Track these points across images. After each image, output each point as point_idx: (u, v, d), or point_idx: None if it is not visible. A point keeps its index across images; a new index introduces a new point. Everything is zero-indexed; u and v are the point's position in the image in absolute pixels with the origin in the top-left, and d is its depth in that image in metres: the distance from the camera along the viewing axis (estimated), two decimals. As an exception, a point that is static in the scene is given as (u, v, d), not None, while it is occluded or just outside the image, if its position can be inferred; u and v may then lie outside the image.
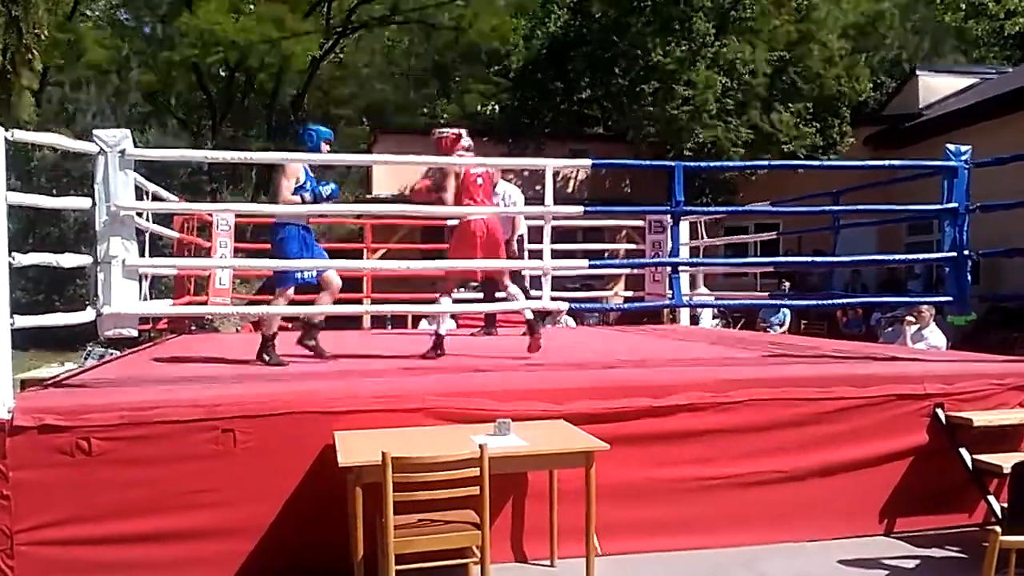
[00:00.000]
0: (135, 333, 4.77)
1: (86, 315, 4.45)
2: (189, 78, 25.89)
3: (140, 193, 5.93)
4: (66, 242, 13.87)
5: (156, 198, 6.98)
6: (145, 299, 5.82)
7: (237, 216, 8.75)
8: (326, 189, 5.45)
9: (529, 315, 5.90)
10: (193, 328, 9.02)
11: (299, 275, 5.41)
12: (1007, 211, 5.87)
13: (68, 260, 4.48)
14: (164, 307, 6.86)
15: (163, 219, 8.18)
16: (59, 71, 23.00)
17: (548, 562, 4.23)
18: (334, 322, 7.72)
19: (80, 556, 3.80)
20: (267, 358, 5.44)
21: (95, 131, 4.54)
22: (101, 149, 4.41)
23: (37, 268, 4.22)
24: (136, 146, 4.65)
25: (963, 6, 25.59)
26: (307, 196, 5.36)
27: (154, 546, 3.88)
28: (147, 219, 6.11)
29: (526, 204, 8.00)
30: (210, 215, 8.55)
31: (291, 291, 5.50)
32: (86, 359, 8.12)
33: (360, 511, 3.56)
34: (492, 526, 3.71)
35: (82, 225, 13.83)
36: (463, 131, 6.04)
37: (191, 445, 3.92)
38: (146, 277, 5.95)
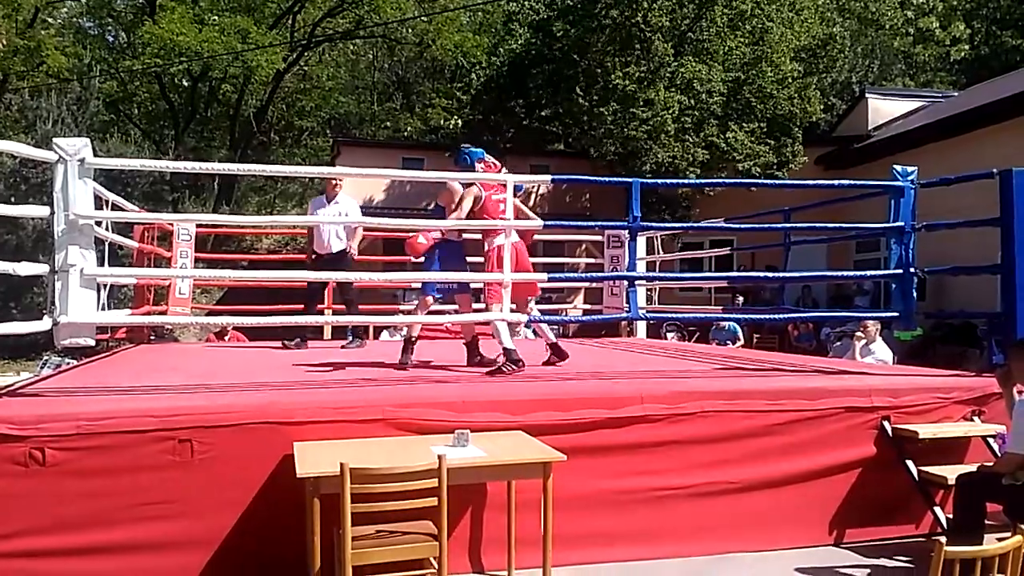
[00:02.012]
0: (92, 342, 4.72)
1: (43, 324, 4.40)
2: (152, 87, 25.60)
3: (100, 202, 5.89)
4: (24, 250, 13.61)
5: (116, 207, 6.92)
6: (103, 308, 5.76)
7: (198, 226, 8.70)
8: None
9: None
10: (152, 338, 8.92)
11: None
12: (951, 230, 6.08)
13: (25, 268, 4.45)
14: (122, 317, 6.79)
15: (123, 228, 8.11)
16: (19, 78, 22.59)
17: (505, 573, 4.25)
18: (295, 333, 7.71)
19: (34, 568, 3.75)
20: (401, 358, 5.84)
21: (55, 139, 4.53)
22: (60, 157, 4.38)
23: (-6, 276, 4.18)
24: (97, 155, 4.63)
25: (911, 32, 26.30)
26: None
27: (110, 558, 3.84)
28: (107, 228, 6.07)
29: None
30: (171, 225, 8.49)
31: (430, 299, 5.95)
32: (42, 368, 7.98)
33: (318, 522, 3.54)
34: (450, 537, 3.72)
35: (40, 233, 13.59)
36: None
37: (148, 456, 3.89)
38: (105, 286, 5.90)
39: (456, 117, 23.68)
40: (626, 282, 6.61)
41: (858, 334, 8.21)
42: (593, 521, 4.44)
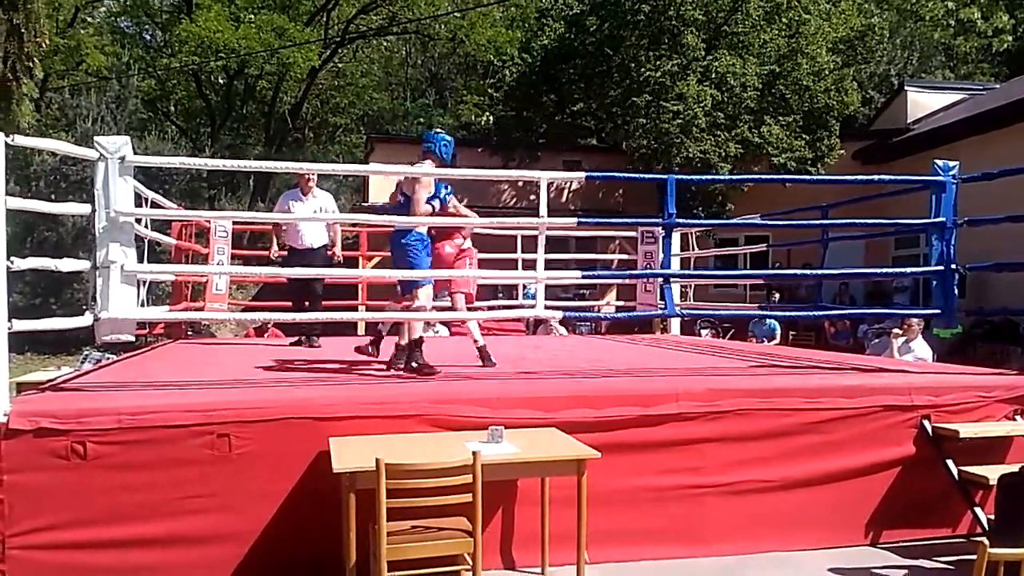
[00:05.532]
0: (132, 338, 4.80)
1: (83, 319, 4.48)
2: (188, 85, 25.98)
3: (139, 199, 5.98)
4: (64, 247, 13.87)
5: (154, 205, 7.02)
6: (143, 304, 5.85)
7: (234, 223, 8.79)
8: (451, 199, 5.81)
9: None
10: (190, 333, 9.04)
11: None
12: (993, 225, 5.95)
13: (66, 264, 4.53)
14: (161, 313, 6.89)
15: (161, 225, 8.23)
16: (59, 77, 23.06)
17: (538, 570, 4.26)
18: (330, 329, 7.78)
19: (74, 560, 3.83)
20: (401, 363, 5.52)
21: (95, 137, 4.61)
22: (101, 155, 4.45)
23: (35, 272, 4.26)
24: (135, 152, 4.69)
25: (952, 23, 25.77)
26: (436, 204, 5.51)
27: (148, 551, 3.91)
28: (146, 225, 6.16)
29: (522, 216, 8.05)
30: (208, 221, 8.59)
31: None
32: (83, 363, 8.12)
33: (353, 517, 3.58)
34: (484, 533, 3.72)
35: (80, 230, 13.85)
36: None
37: (186, 450, 3.95)
38: (144, 282, 5.99)
39: (488, 113, 23.67)
40: (660, 279, 6.55)
41: (895, 331, 8.08)
42: (627, 519, 4.42)
